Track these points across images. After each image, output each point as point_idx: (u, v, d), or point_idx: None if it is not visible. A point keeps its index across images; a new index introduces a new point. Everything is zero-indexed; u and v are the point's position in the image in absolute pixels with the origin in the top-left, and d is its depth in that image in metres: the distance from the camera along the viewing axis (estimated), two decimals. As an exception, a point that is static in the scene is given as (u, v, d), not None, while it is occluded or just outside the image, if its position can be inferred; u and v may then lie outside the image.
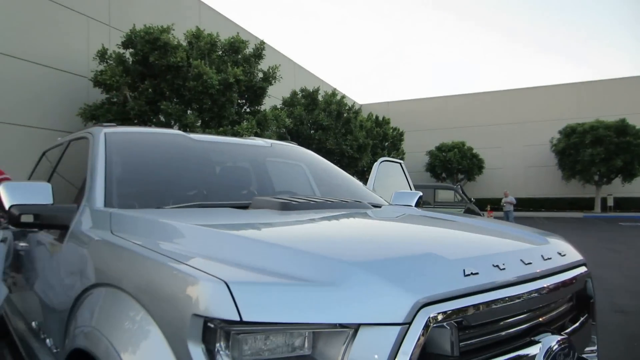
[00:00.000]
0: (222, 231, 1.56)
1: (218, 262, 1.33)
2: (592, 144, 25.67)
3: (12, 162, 6.90)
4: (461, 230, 2.00)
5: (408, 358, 1.13)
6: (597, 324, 1.96)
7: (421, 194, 3.42)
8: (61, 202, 2.28)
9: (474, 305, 1.28)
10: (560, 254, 1.75)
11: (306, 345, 1.18)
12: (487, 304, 1.32)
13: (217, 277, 1.20)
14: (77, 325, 1.72)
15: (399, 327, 1.15)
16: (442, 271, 1.32)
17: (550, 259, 1.65)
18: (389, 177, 4.17)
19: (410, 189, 4.43)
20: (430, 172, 30.56)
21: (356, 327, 1.16)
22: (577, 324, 1.69)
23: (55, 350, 2.13)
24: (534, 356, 1.38)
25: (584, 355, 1.85)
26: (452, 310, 1.23)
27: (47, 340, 2.27)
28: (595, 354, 1.89)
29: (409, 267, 1.29)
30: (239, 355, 1.15)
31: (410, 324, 1.16)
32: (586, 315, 1.80)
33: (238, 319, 1.12)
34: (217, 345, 1.15)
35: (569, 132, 27.08)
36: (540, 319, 1.55)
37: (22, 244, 2.87)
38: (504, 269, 1.43)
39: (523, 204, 27.95)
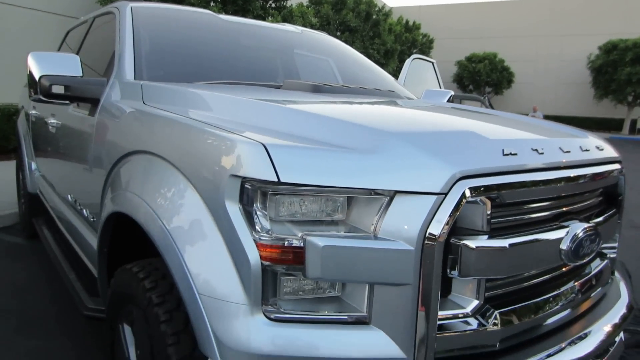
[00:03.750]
0: (258, 101, 1.54)
1: (255, 128, 1.33)
2: (632, 62, 24.24)
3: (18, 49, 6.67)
4: (501, 119, 1.95)
5: (441, 227, 1.14)
6: (621, 223, 1.96)
7: (452, 92, 3.32)
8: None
9: (509, 184, 1.27)
10: (598, 147, 1.71)
11: (340, 210, 1.20)
12: (523, 184, 1.31)
13: (255, 140, 1.20)
14: (114, 192, 1.79)
15: (434, 197, 1.15)
16: (481, 148, 1.30)
17: (588, 150, 1.61)
18: (420, 75, 4.03)
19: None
20: (457, 83, 29.57)
21: (392, 195, 1.17)
22: (604, 217, 1.69)
23: (92, 219, 2.24)
24: (561, 240, 1.40)
25: (605, 251, 1.88)
26: (488, 185, 1.22)
27: (84, 211, 2.39)
28: (615, 251, 1.92)
29: (448, 141, 1.28)
30: (275, 215, 1.18)
31: (446, 194, 1.16)
32: (614, 210, 1.79)
33: (275, 179, 1.13)
34: (254, 205, 1.18)
35: (610, 49, 25.50)
36: (571, 207, 1.55)
37: (53, 120, 2.92)
38: (542, 153, 1.40)
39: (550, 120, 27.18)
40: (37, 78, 2.07)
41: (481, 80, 28.73)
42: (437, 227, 1.14)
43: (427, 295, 1.17)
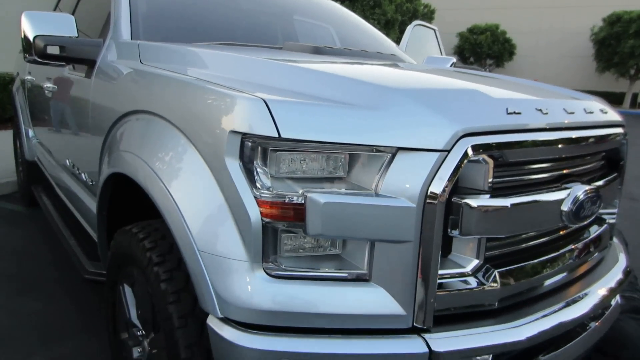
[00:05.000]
0: (259, 58, 1.51)
1: (255, 86, 1.30)
2: (635, 34, 23.87)
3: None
4: (505, 82, 1.92)
5: (443, 184, 1.13)
6: (622, 189, 1.96)
7: (455, 59, 3.27)
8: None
9: (513, 143, 1.26)
10: (602, 111, 1.69)
11: (342, 168, 1.19)
12: (526, 143, 1.29)
13: (255, 96, 1.18)
14: (112, 153, 1.77)
15: (437, 154, 1.14)
16: (484, 106, 1.28)
17: (592, 113, 1.60)
18: (421, 43, 3.96)
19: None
20: (458, 55, 29.15)
21: (393, 153, 1.15)
22: (605, 180, 1.68)
23: (91, 183, 2.23)
24: (562, 201, 1.39)
25: (604, 217, 1.88)
26: (492, 143, 1.21)
27: (82, 175, 2.38)
28: (615, 217, 1.92)
29: (452, 98, 1.26)
30: (276, 172, 1.17)
31: (449, 152, 1.15)
32: (615, 175, 1.79)
33: (276, 135, 1.12)
34: (255, 162, 1.17)
35: (614, 20, 25.05)
36: (573, 170, 1.54)
37: (48, 84, 2.87)
38: (546, 113, 1.38)
39: (550, 94, 26.92)
40: (31, 38, 2.03)
41: (482, 52, 28.33)
42: (439, 185, 1.13)
43: (428, 253, 1.17)
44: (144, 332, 1.67)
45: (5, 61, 7.03)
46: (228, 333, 1.18)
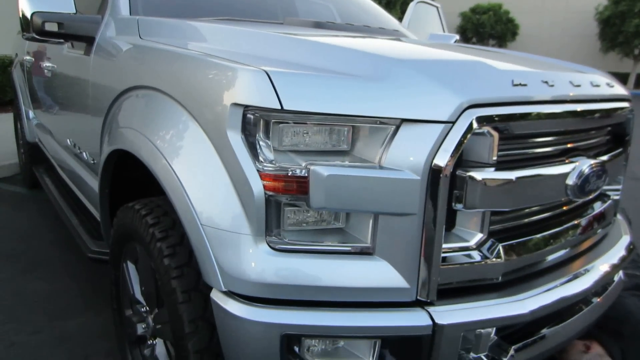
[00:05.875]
0: (260, 31, 1.48)
1: (257, 58, 1.28)
2: (640, 13, 23.56)
3: None
4: (510, 55, 1.89)
5: (448, 156, 1.12)
6: (627, 165, 1.94)
7: (458, 37, 3.22)
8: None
9: (518, 115, 1.24)
10: (608, 84, 1.66)
11: (345, 141, 1.17)
12: (531, 116, 1.28)
13: (257, 67, 1.16)
14: (113, 130, 1.76)
15: (442, 125, 1.13)
16: (490, 78, 1.26)
17: (598, 86, 1.57)
18: (424, 20, 3.90)
19: (445, 36, 4.18)
20: (460, 35, 28.78)
21: (397, 125, 1.14)
22: (610, 155, 1.67)
23: (92, 162, 2.22)
24: (567, 174, 1.38)
25: (609, 193, 1.87)
26: (497, 115, 1.19)
27: (84, 154, 2.37)
28: (619, 193, 1.91)
29: (457, 70, 1.24)
30: (278, 145, 1.15)
31: (454, 123, 1.13)
32: (621, 150, 1.77)
33: (279, 107, 1.10)
34: (257, 135, 1.15)
35: (619, -1, 24.69)
36: (578, 144, 1.52)
37: (48, 64, 2.85)
38: (552, 85, 1.36)
39: (553, 75, 26.65)
40: (29, 15, 2.00)
41: (485, 32, 27.99)
42: (444, 157, 1.12)
43: (432, 226, 1.16)
44: (147, 309, 1.68)
45: (4, 44, 6.96)
46: (232, 306, 1.18)
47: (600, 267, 1.61)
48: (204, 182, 1.26)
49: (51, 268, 2.87)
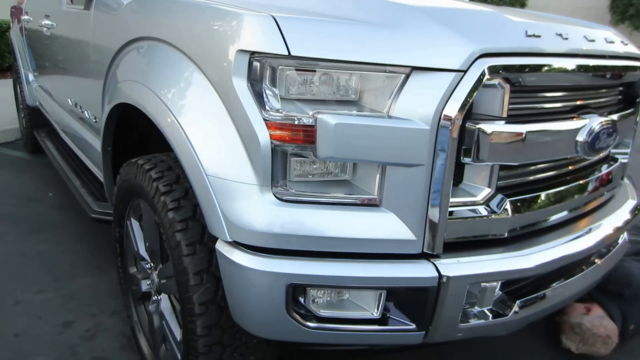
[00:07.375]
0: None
1: (263, 5, 1.24)
2: (653, -16, 23.02)
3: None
4: (524, 12, 1.84)
5: (459, 105, 1.09)
6: (637, 128, 1.91)
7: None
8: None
9: (531, 66, 1.21)
10: (623, 42, 1.62)
11: (353, 88, 1.14)
12: (544, 68, 1.24)
13: (263, 12, 1.12)
14: (115, 84, 1.72)
15: (453, 74, 1.10)
16: (503, 27, 1.22)
17: (612, 42, 1.53)
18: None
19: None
20: (466, 7, 28.27)
21: (407, 73, 1.11)
22: (620, 115, 1.64)
23: (94, 120, 2.20)
24: (578, 130, 1.36)
25: (617, 156, 1.85)
26: (509, 65, 1.16)
27: (85, 113, 2.34)
28: (627, 156, 1.89)
29: (470, 18, 1.20)
30: (285, 93, 1.13)
31: (465, 72, 1.10)
32: (632, 110, 1.74)
33: (286, 52, 1.07)
34: (264, 83, 1.13)
35: (630, -31, 24.11)
36: (589, 101, 1.50)
37: (47, 22, 2.79)
38: (567, 38, 1.32)
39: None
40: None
41: (493, 3, 27.48)
42: (454, 107, 1.10)
43: (440, 178, 1.15)
44: (152, 265, 1.69)
45: (3, 9, 6.82)
46: (237, 256, 1.18)
47: (606, 227, 1.61)
48: (210, 133, 1.24)
49: (55, 230, 2.88)
